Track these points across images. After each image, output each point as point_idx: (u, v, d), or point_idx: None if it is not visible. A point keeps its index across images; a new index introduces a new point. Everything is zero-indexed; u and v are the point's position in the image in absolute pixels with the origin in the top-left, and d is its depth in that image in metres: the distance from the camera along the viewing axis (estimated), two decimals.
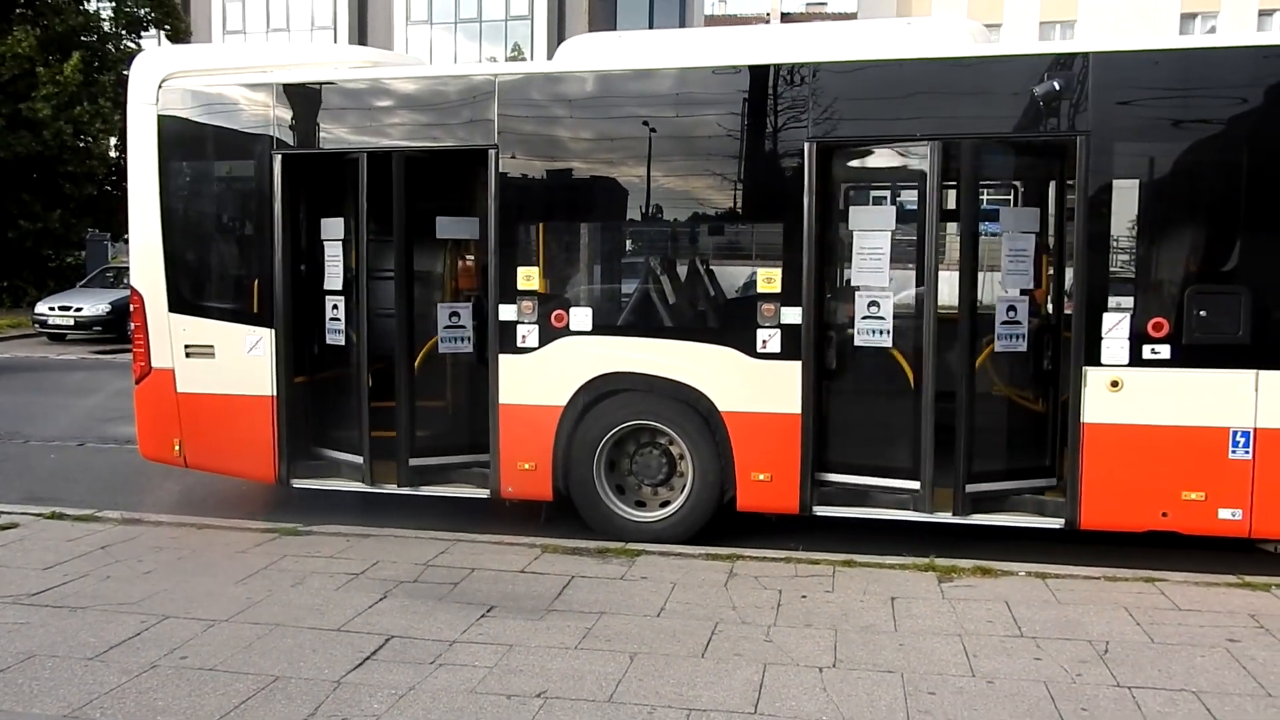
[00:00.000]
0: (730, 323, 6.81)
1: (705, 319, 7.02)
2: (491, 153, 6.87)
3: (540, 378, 6.88)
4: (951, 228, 6.44)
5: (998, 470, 6.46)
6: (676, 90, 6.77)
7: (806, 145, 6.46)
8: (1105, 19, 34.99)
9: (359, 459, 7.26)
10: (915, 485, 6.49)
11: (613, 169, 6.99)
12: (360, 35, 34.47)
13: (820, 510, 6.61)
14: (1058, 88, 6.13)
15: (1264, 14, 35.03)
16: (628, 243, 7.41)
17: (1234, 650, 4.76)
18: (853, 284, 6.55)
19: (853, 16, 38.93)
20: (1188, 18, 35.61)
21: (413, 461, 7.19)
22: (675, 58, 6.87)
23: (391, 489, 7.25)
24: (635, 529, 6.86)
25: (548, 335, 6.87)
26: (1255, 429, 5.97)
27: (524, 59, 30.65)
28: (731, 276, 7.05)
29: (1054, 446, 6.50)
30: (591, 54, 7.31)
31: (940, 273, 6.35)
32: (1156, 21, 34.60)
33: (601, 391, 6.85)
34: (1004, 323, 6.30)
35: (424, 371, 7.24)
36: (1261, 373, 5.96)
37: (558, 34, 30.28)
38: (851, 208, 6.63)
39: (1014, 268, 6.31)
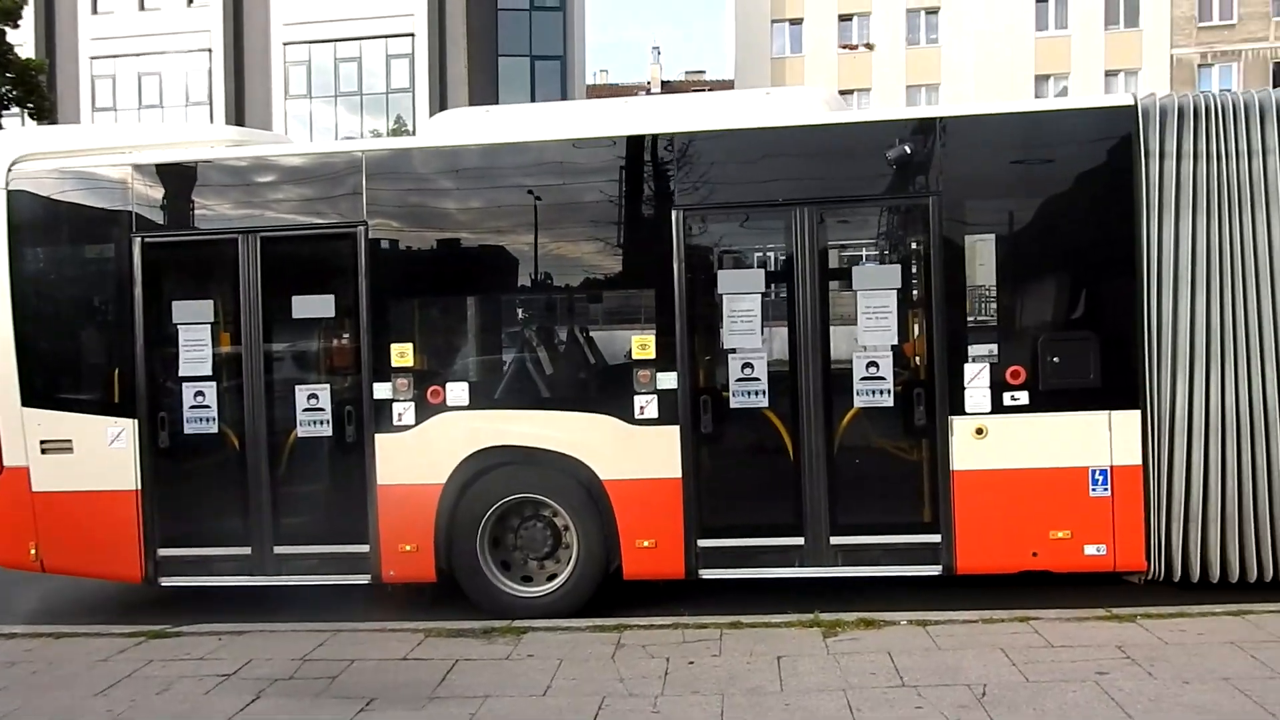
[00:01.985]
0: (608, 390, 6.84)
1: (583, 388, 7.04)
2: (360, 229, 6.82)
3: (418, 456, 6.76)
4: (819, 288, 6.59)
5: (874, 523, 6.56)
6: (545, 162, 6.85)
7: (674, 213, 6.60)
8: (966, 82, 36.78)
9: (230, 551, 7.00)
10: (799, 541, 6.56)
11: (485, 242, 7.02)
12: (237, 110, 34.00)
13: (706, 573, 6.62)
14: (909, 151, 6.39)
15: (1110, 74, 37.29)
16: (503, 315, 7.40)
17: (1103, 682, 4.90)
18: (726, 347, 6.65)
19: (730, 85, 40.17)
20: (1042, 79, 37.66)
21: (286, 550, 6.96)
22: (543, 131, 6.96)
23: (266, 581, 6.99)
24: (523, 605, 6.75)
25: (424, 412, 6.78)
26: (1112, 467, 6.24)
27: (407, 132, 30.65)
28: (607, 344, 7.11)
29: (930, 495, 6.65)
30: (461, 128, 7.37)
31: (812, 332, 6.51)
32: (1014, 83, 36.50)
33: (482, 467, 6.76)
34: (865, 379, 6.46)
35: (295, 456, 7.04)
36: (1114, 413, 6.24)
37: (440, 106, 30.39)
38: (720, 272, 6.75)
39: (874, 324, 6.49)
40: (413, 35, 33.09)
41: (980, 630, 5.79)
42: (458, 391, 6.79)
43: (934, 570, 6.44)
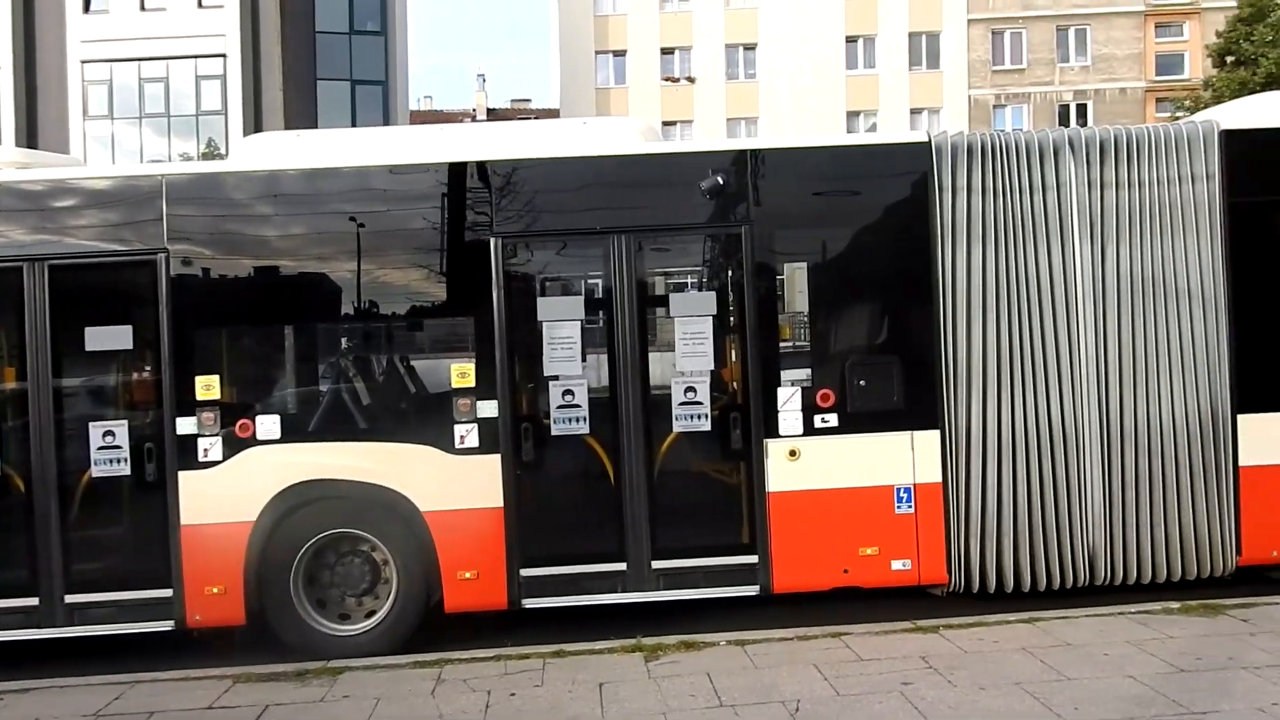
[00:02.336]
0: (427, 420, 6.71)
1: (401, 418, 6.88)
2: (161, 256, 6.49)
3: (226, 493, 6.46)
4: (638, 314, 6.67)
5: (694, 546, 6.66)
6: (360, 189, 6.72)
7: (492, 240, 6.57)
8: (783, 116, 38.19)
9: (17, 603, 6.48)
10: (621, 567, 6.60)
11: (298, 270, 6.81)
12: (29, 132, 31.84)
13: (530, 603, 6.58)
14: (722, 182, 6.59)
15: (915, 112, 39.45)
16: (317, 344, 7.17)
17: (907, 692, 5.12)
18: (547, 374, 6.65)
19: (556, 113, 40.40)
20: (853, 115, 39.50)
21: (79, 599, 6.50)
22: (358, 156, 6.82)
23: (57, 633, 6.50)
24: (339, 644, 6.52)
25: (233, 447, 6.49)
26: (915, 484, 6.56)
27: (220, 155, 29.44)
28: (427, 373, 6.98)
29: (747, 517, 6.80)
30: (271, 152, 7.13)
31: (631, 358, 6.59)
32: (828, 118, 38.15)
33: (295, 502, 6.52)
34: (683, 403, 6.58)
35: (89, 497, 6.59)
36: (916, 433, 6.57)
37: (255, 129, 29.33)
38: (540, 299, 6.75)
39: (691, 350, 6.62)
40: (224, 56, 31.87)
41: (795, 647, 5.95)
42: (269, 424, 6.54)
43: (751, 590, 6.59)
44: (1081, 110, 39.61)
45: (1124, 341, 6.58)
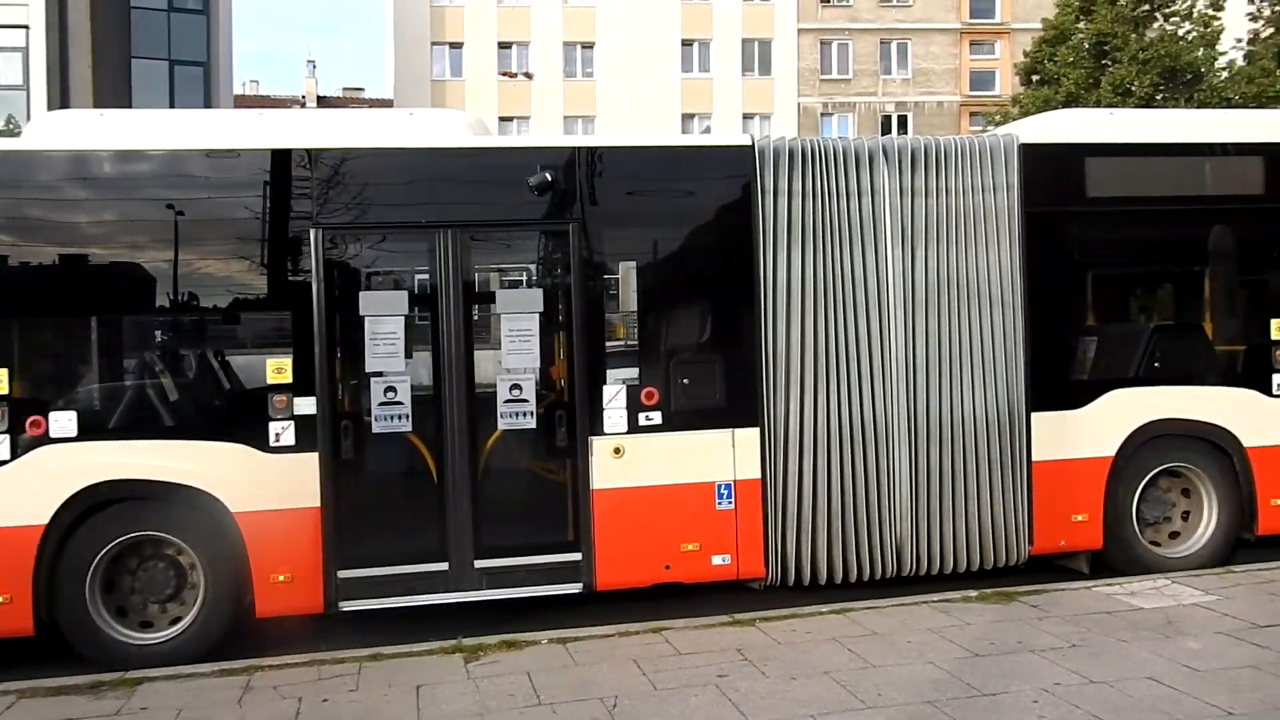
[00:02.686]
0: (240, 417, 6.43)
1: (212, 414, 6.57)
2: None
3: (13, 495, 6.01)
4: (464, 310, 6.57)
5: (518, 544, 6.62)
6: (169, 173, 6.39)
7: (312, 231, 6.35)
8: (620, 116, 38.47)
9: None
10: (444, 567, 6.50)
11: (101, 257, 6.42)
12: None
13: (348, 605, 6.40)
14: (550, 179, 6.55)
15: (747, 117, 40.45)
16: (121, 337, 6.73)
17: (722, 685, 5.22)
18: (368, 370, 6.47)
19: (390, 104, 39.51)
20: (688, 117, 40.17)
21: None
22: (167, 139, 6.47)
23: None
24: (140, 654, 6.17)
25: (22, 445, 6.06)
26: (735, 481, 6.71)
27: (19, 134, 27.41)
28: (241, 368, 6.68)
29: (572, 515, 6.80)
30: (69, 132, 6.68)
31: (456, 355, 6.50)
32: (663, 118, 38.65)
33: (92, 503, 6.13)
34: (508, 401, 6.54)
35: None
36: (737, 430, 6.72)
37: (61, 107, 27.44)
38: (362, 293, 6.57)
39: (517, 347, 6.58)
40: (27, 28, 29.64)
41: (616, 644, 5.99)
42: (64, 421, 6.12)
43: (575, 588, 6.60)
44: (902, 121, 41.49)
45: (931, 342, 6.90)
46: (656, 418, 6.65)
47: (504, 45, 39.68)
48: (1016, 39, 39.80)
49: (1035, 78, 29.37)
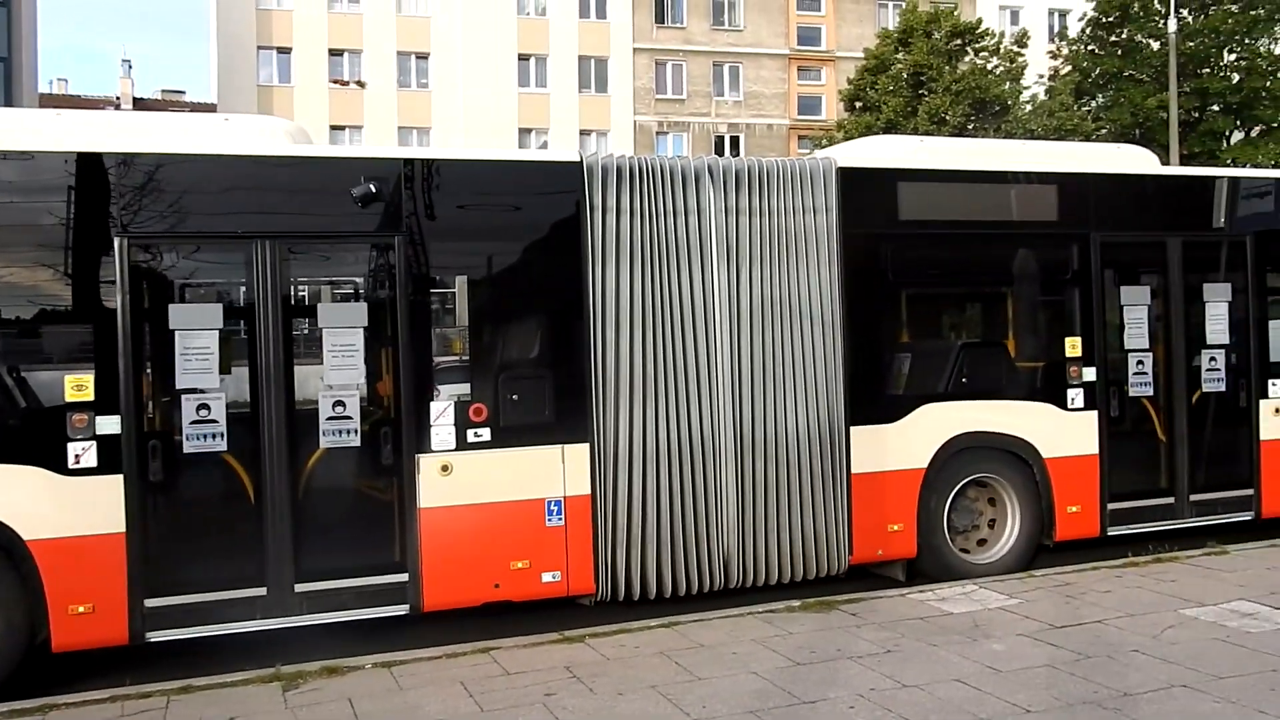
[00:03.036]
0: (33, 438, 5.98)
1: (3, 435, 6.10)
2: None
3: None
4: (283, 325, 6.33)
5: (342, 566, 6.40)
6: None
7: (117, 240, 6.00)
8: (456, 128, 38.08)
9: None
10: (261, 592, 6.23)
11: None
12: None
13: (156, 635, 6.05)
14: (375, 190, 6.40)
15: (585, 133, 40.71)
16: None
17: (550, 703, 5.18)
18: (179, 387, 6.15)
19: (213, 108, 37.86)
20: (525, 132, 40.12)
21: None
22: None
23: None
24: None
25: None
26: (565, 497, 6.70)
27: None
28: (38, 385, 6.21)
29: (398, 535, 6.64)
30: None
31: (275, 371, 6.25)
32: (500, 132, 38.48)
33: None
34: (331, 418, 6.33)
35: None
36: (566, 446, 6.71)
37: None
38: (172, 306, 6.24)
39: (341, 363, 6.39)
40: None
41: (444, 666, 5.87)
42: None
43: (401, 610, 6.44)
44: (735, 142, 42.62)
45: (755, 358, 7.07)
46: (485, 434, 6.58)
47: (335, 52, 38.65)
48: (841, 67, 41.54)
49: (858, 104, 30.72)
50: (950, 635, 6.14)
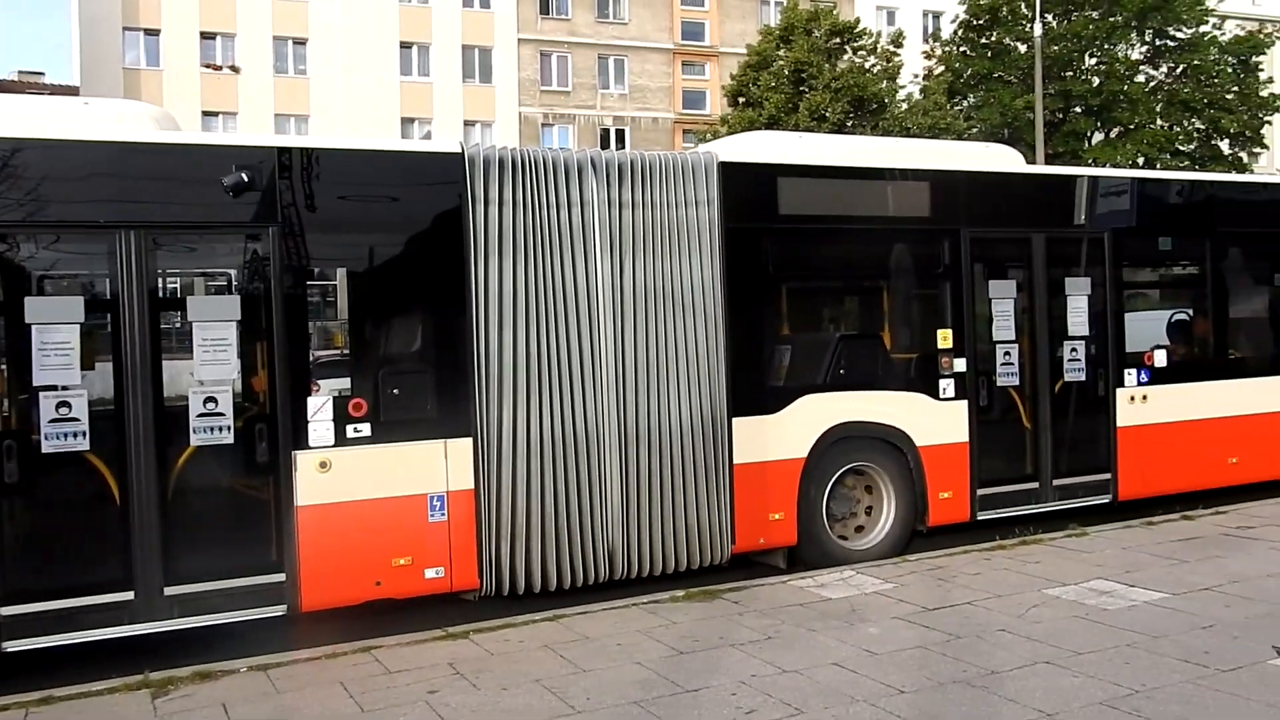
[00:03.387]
0: None
1: None
2: None
3: None
4: (150, 318, 6.07)
5: (215, 568, 6.20)
6: None
7: None
8: (336, 117, 37.16)
9: None
10: (128, 596, 5.99)
11: None
12: None
13: (12, 645, 5.75)
14: (247, 179, 6.21)
15: (469, 124, 40.21)
16: None
17: (433, 700, 5.13)
18: (37, 384, 5.85)
19: (76, 91, 36.07)
20: (408, 121, 39.40)
21: None
22: None
23: None
24: None
25: None
26: (448, 492, 6.62)
27: None
28: None
29: (274, 534, 6.46)
30: None
31: (141, 366, 6.01)
32: (382, 122, 37.70)
33: None
34: (202, 414, 6.12)
35: None
36: (449, 441, 6.63)
37: None
38: (28, 299, 5.93)
39: (212, 357, 6.18)
40: None
41: (323, 667, 5.74)
42: None
43: (278, 610, 6.27)
44: (620, 135, 42.68)
45: (639, 351, 7.10)
46: (365, 429, 6.45)
47: (207, 35, 37.21)
48: (725, 62, 41.98)
49: (741, 100, 31.10)
50: (828, 620, 6.30)
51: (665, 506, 7.17)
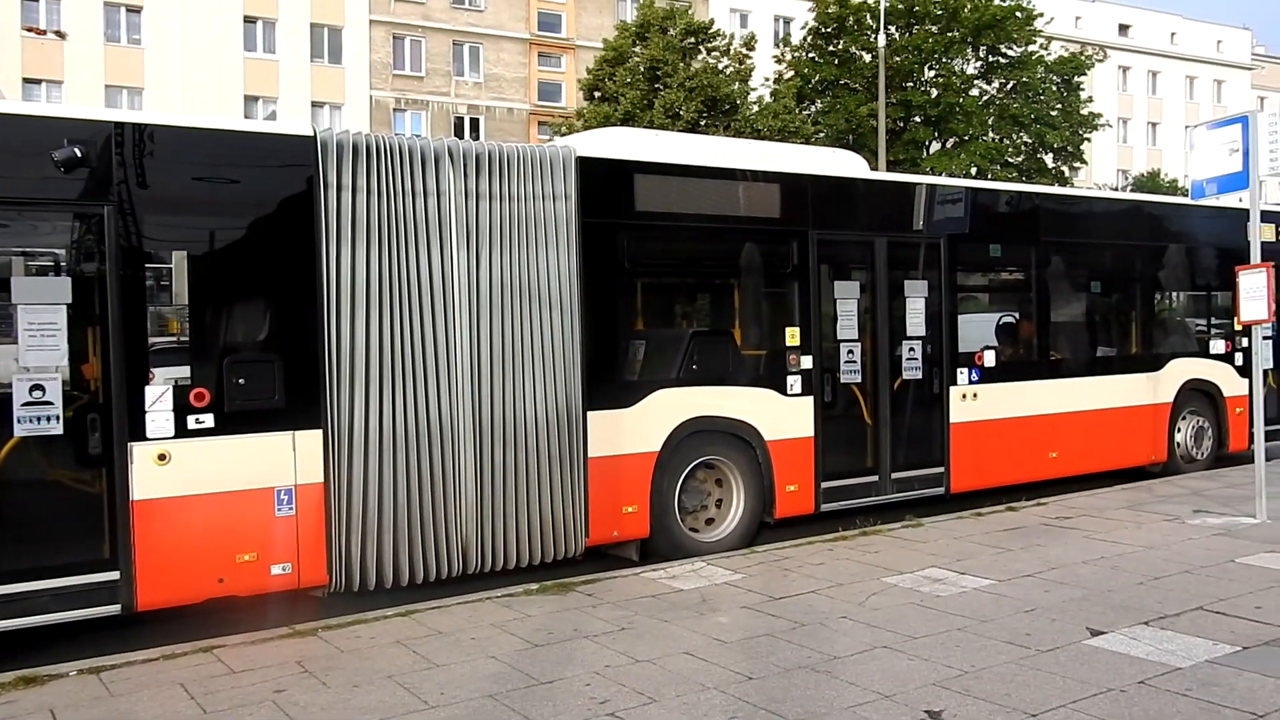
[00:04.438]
0: None
1: None
2: None
3: None
4: None
5: (41, 566, 5.83)
6: None
7: None
8: (173, 90, 35.45)
9: None
10: None
11: None
12: None
13: None
14: (80, 154, 5.88)
15: (317, 105, 39.03)
16: None
17: (280, 700, 4.99)
18: None
19: None
20: (251, 99, 37.92)
21: None
22: None
23: None
24: None
25: None
26: (296, 485, 6.44)
27: None
28: None
29: (108, 530, 6.14)
30: None
31: None
32: (224, 99, 36.18)
33: None
34: (28, 403, 5.77)
35: None
36: (298, 433, 6.45)
37: None
38: None
39: (39, 343, 5.82)
40: None
41: (160, 668, 5.51)
42: None
43: (112, 610, 5.98)
44: (475, 124, 42.22)
45: (495, 343, 7.07)
46: (208, 420, 6.21)
47: None
48: (581, 55, 42.04)
49: (597, 94, 31.17)
50: (680, 611, 6.43)
51: (520, 500, 7.17)
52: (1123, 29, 59.18)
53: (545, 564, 7.34)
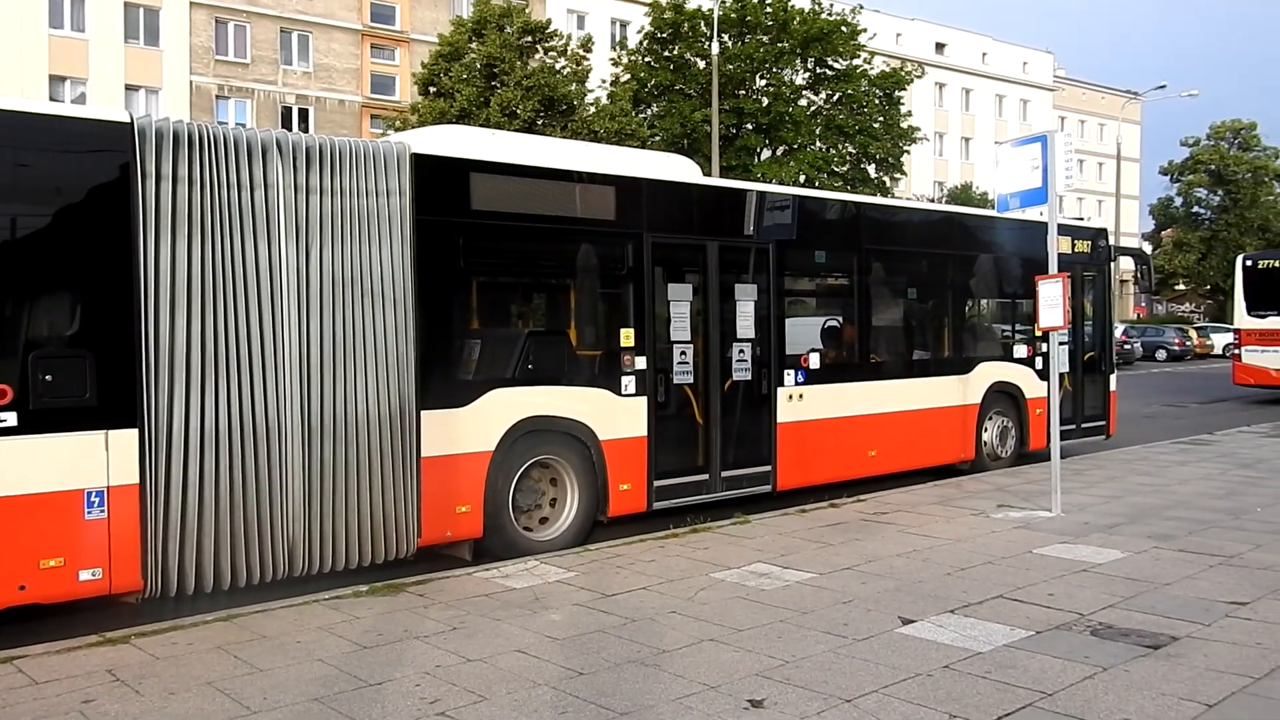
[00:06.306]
0: None
1: None
2: None
3: None
4: None
5: None
6: None
7: None
8: None
9: None
10: None
11: None
12: None
13: None
14: None
15: (131, 89, 36.99)
16: None
17: (88, 711, 4.75)
18: None
19: None
20: (58, 80, 35.62)
21: None
22: None
23: None
24: None
25: None
26: (109, 487, 6.12)
27: None
28: None
29: None
30: None
31: None
32: (27, 79, 33.85)
33: None
34: None
35: None
36: (111, 432, 6.14)
37: None
38: None
39: None
40: None
41: None
42: None
43: None
44: (304, 115, 40.86)
45: (325, 340, 6.90)
46: (11, 419, 5.83)
47: None
48: (415, 49, 41.31)
49: (432, 89, 30.73)
50: (513, 609, 6.45)
51: (350, 500, 7.03)
52: (939, 47, 62.56)
53: (376, 565, 7.22)
